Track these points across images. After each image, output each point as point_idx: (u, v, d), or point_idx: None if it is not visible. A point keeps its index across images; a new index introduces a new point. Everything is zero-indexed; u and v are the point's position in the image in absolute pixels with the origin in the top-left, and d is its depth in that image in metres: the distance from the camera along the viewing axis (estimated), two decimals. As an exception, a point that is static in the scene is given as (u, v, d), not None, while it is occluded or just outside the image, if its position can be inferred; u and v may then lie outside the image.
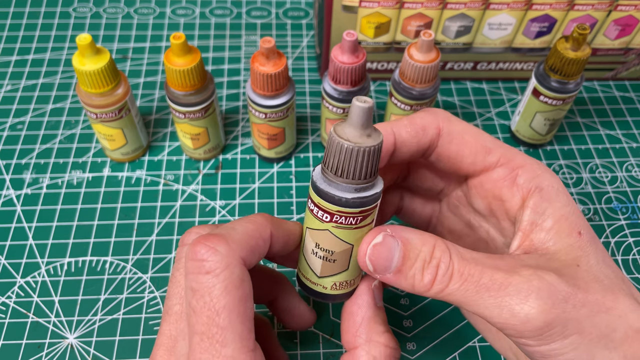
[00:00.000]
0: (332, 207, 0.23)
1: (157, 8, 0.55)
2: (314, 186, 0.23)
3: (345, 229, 0.24)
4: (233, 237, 0.22)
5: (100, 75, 0.36)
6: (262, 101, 0.38)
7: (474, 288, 0.22)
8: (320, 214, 0.23)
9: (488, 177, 0.26)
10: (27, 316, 0.35)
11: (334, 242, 0.24)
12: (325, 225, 0.24)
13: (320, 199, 0.23)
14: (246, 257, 0.23)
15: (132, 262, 0.38)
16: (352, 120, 0.22)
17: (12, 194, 0.41)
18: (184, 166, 0.43)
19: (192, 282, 0.22)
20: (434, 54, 0.37)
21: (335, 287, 0.25)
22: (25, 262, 0.38)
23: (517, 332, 0.22)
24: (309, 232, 0.25)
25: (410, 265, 0.23)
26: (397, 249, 0.23)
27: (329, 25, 0.44)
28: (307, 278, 0.26)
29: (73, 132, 0.45)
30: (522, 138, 0.45)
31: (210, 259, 0.21)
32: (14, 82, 0.49)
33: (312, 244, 0.25)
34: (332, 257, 0.24)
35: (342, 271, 0.25)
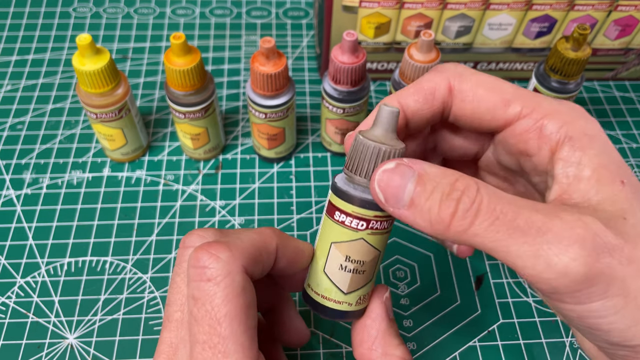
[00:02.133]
0: (369, 212, 0.22)
1: (157, 8, 0.55)
2: (345, 196, 0.23)
3: (380, 234, 0.23)
4: (236, 245, 0.22)
5: (100, 76, 0.36)
6: (262, 101, 0.38)
7: (506, 230, 0.19)
8: (355, 223, 0.23)
9: (511, 132, 0.24)
10: (27, 316, 0.35)
11: (367, 250, 0.23)
12: (359, 234, 0.23)
13: (356, 206, 0.22)
14: (249, 266, 0.22)
15: (132, 262, 0.38)
16: (382, 124, 0.22)
17: (12, 194, 0.41)
18: (184, 166, 0.43)
19: (194, 289, 0.21)
20: (434, 54, 0.37)
21: (359, 301, 0.25)
22: (25, 262, 0.38)
23: (552, 287, 0.19)
24: (336, 246, 0.23)
25: (426, 197, 0.20)
26: (412, 178, 0.20)
27: (329, 25, 0.44)
28: (329, 299, 0.24)
29: (73, 132, 0.45)
30: None
31: (212, 266, 0.21)
32: (14, 82, 0.49)
33: (340, 258, 0.24)
34: (362, 267, 0.24)
35: (368, 282, 0.24)
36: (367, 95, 0.39)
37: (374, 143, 0.21)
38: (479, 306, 0.37)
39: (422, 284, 0.38)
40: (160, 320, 0.35)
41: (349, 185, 0.23)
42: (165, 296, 0.36)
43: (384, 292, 0.26)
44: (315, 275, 0.25)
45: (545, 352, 0.35)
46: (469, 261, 0.39)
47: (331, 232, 0.24)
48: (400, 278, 0.38)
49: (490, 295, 0.37)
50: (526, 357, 0.35)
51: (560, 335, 0.36)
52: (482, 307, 0.37)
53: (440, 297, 0.37)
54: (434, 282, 0.38)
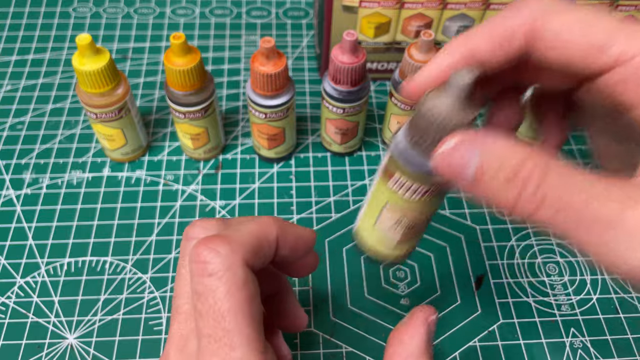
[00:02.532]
0: (427, 182, 0.22)
1: (157, 8, 0.55)
2: (405, 163, 0.22)
3: (436, 197, 0.23)
4: (235, 238, 0.22)
5: (100, 75, 0.36)
6: (262, 101, 0.38)
7: (573, 221, 0.17)
8: (412, 190, 0.22)
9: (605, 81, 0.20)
10: (26, 316, 0.35)
11: (420, 214, 0.23)
12: (415, 200, 0.23)
13: (414, 174, 0.22)
14: (249, 258, 0.22)
15: (132, 262, 0.38)
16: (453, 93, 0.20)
17: (12, 194, 0.41)
18: (183, 166, 0.43)
19: (197, 284, 0.21)
20: (434, 54, 0.37)
21: (407, 251, 0.26)
22: (25, 262, 0.38)
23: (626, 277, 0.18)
24: (390, 208, 0.23)
25: (491, 176, 0.18)
26: (475, 157, 0.19)
27: (329, 25, 0.44)
28: (378, 251, 0.26)
29: (73, 132, 0.45)
30: (524, 139, 0.45)
31: (212, 260, 0.21)
32: (13, 82, 0.49)
33: (392, 219, 0.24)
34: (413, 227, 0.24)
35: (418, 236, 0.25)
36: (367, 95, 0.39)
37: (440, 117, 0.19)
38: (479, 306, 0.37)
39: (422, 284, 0.38)
40: (160, 321, 0.35)
41: (408, 152, 0.21)
42: (165, 296, 0.36)
43: (430, 313, 0.25)
44: (366, 228, 0.26)
45: (545, 353, 0.35)
46: (469, 261, 0.39)
47: (385, 194, 0.23)
48: (401, 278, 0.38)
49: (490, 296, 0.37)
50: (526, 357, 0.35)
51: (561, 335, 0.36)
52: (482, 307, 0.37)
53: (440, 297, 0.37)
54: (434, 282, 0.38)
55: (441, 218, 0.41)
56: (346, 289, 0.37)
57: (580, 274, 0.38)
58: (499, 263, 0.39)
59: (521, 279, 0.38)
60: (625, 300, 0.37)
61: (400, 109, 0.40)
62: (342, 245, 0.39)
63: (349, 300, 0.37)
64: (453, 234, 0.40)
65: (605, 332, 0.36)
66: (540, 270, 0.39)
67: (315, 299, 0.37)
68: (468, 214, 0.41)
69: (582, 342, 0.35)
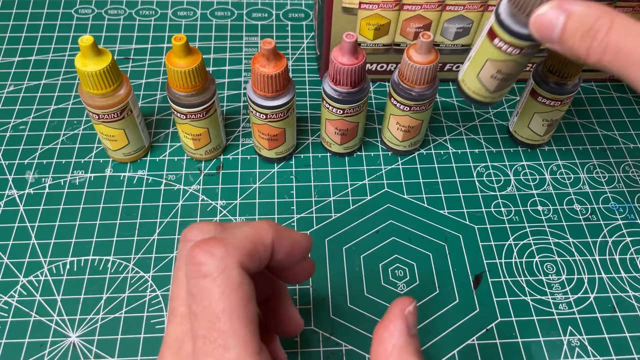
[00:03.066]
0: (523, 43, 0.29)
1: (159, 10, 0.56)
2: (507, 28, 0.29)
3: (528, 55, 0.31)
4: (231, 241, 0.22)
5: (102, 77, 0.36)
6: (262, 102, 0.38)
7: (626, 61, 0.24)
8: (510, 50, 0.30)
9: None
10: (29, 315, 0.36)
11: (515, 67, 0.31)
12: (512, 57, 0.30)
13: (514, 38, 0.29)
14: (244, 261, 0.22)
15: (134, 261, 0.38)
16: None
17: (14, 194, 0.41)
18: (185, 166, 0.44)
19: (192, 286, 0.22)
20: (432, 55, 0.37)
21: (501, 95, 0.34)
22: (28, 262, 0.38)
23: None
24: (491, 62, 0.32)
25: (570, 35, 0.25)
26: (560, 20, 0.26)
27: (329, 26, 0.44)
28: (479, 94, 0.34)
29: (75, 132, 0.45)
30: (520, 139, 0.45)
31: (207, 262, 0.21)
32: (16, 83, 0.49)
33: (492, 71, 0.32)
34: (509, 77, 0.32)
35: (511, 84, 0.34)
36: (366, 96, 0.39)
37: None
38: (478, 305, 0.37)
39: (420, 283, 0.38)
40: (162, 319, 0.36)
41: (510, 18, 0.29)
42: (167, 295, 0.37)
43: (407, 304, 0.25)
44: (470, 77, 0.34)
45: (543, 351, 0.35)
46: (467, 260, 0.39)
47: (488, 51, 0.31)
48: (399, 277, 0.38)
49: (488, 294, 0.38)
50: (524, 355, 0.35)
51: (558, 333, 0.36)
52: (481, 305, 0.37)
53: (438, 295, 0.37)
54: (432, 281, 0.38)
55: (440, 218, 0.41)
56: (346, 287, 0.38)
57: (578, 273, 0.39)
58: (497, 262, 0.39)
59: (519, 278, 0.38)
60: (623, 299, 0.38)
61: (400, 109, 0.40)
62: (342, 245, 0.40)
63: (348, 299, 0.37)
64: (452, 233, 0.40)
65: (603, 331, 0.36)
66: (538, 269, 0.39)
67: (315, 298, 0.37)
68: (466, 214, 0.41)
69: (580, 340, 0.36)
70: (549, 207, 0.42)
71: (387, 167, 0.44)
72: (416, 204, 0.42)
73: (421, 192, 0.43)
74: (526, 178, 0.44)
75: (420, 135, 0.43)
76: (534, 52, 0.31)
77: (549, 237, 0.40)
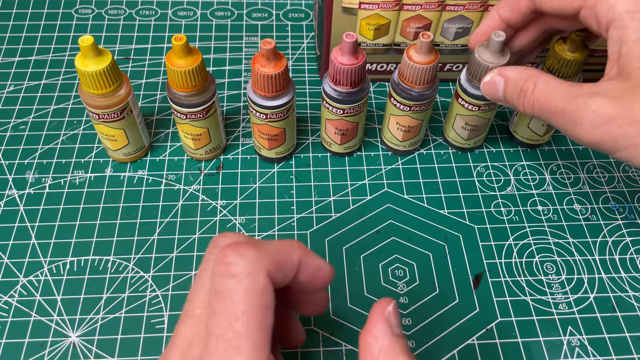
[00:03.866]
0: (479, 102, 0.40)
1: (159, 10, 0.56)
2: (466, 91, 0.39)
3: (486, 111, 0.41)
4: (263, 249, 0.23)
5: (103, 77, 0.36)
6: (262, 102, 0.38)
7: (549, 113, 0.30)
8: (471, 107, 0.40)
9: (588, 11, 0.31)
10: (29, 315, 0.36)
11: (479, 120, 0.41)
12: (473, 112, 0.40)
13: (473, 98, 0.39)
14: (272, 271, 0.23)
15: (134, 261, 0.38)
16: (492, 48, 0.36)
17: (14, 194, 0.41)
18: (185, 166, 0.44)
19: (217, 284, 0.22)
20: (432, 56, 0.37)
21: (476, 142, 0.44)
22: (28, 262, 0.38)
23: None
24: (460, 117, 0.41)
25: (509, 96, 0.32)
26: (501, 85, 0.33)
27: (329, 26, 0.44)
28: (456, 141, 0.44)
29: (75, 132, 0.46)
30: (520, 138, 0.45)
31: (237, 263, 0.22)
32: (16, 83, 0.49)
33: (462, 123, 0.42)
34: (476, 127, 0.42)
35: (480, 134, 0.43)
36: (366, 96, 0.39)
37: (484, 62, 0.37)
38: (477, 305, 0.37)
39: (420, 283, 0.38)
40: (162, 319, 0.36)
41: (467, 83, 0.39)
42: (167, 295, 0.37)
43: (386, 305, 0.24)
44: (448, 128, 0.44)
45: (543, 351, 0.35)
46: (467, 260, 0.39)
47: (457, 109, 0.41)
48: (399, 277, 0.38)
49: (488, 294, 0.38)
50: (524, 355, 0.35)
51: (558, 333, 0.36)
52: (481, 305, 0.37)
53: (438, 295, 0.38)
54: (432, 280, 0.38)
55: (440, 217, 0.41)
56: (346, 287, 0.38)
57: (578, 273, 0.39)
58: (497, 262, 0.39)
59: (519, 278, 0.38)
60: (622, 299, 0.38)
61: (400, 109, 0.40)
62: (342, 245, 0.40)
63: (348, 299, 0.37)
64: (451, 233, 0.40)
65: (603, 331, 0.36)
66: (537, 269, 0.39)
67: (315, 298, 0.37)
68: (466, 214, 0.41)
69: (580, 340, 0.36)
70: (548, 207, 0.42)
71: (387, 167, 0.44)
72: (416, 204, 0.42)
73: (421, 192, 0.43)
74: (526, 178, 0.44)
75: (420, 135, 0.43)
76: (492, 108, 0.40)
77: (549, 237, 0.40)
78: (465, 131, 0.43)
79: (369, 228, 0.41)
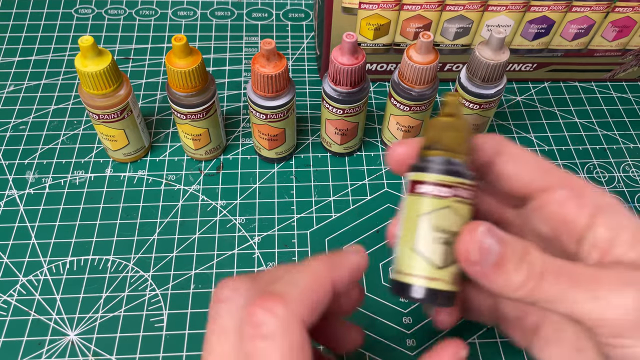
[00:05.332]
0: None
1: (159, 10, 0.56)
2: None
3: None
4: (293, 296, 0.21)
5: (102, 77, 0.36)
6: (262, 102, 0.38)
7: (567, 282, 0.22)
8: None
9: (550, 198, 0.25)
10: (28, 314, 0.36)
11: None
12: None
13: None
14: (307, 316, 0.21)
15: (134, 260, 0.38)
16: (492, 45, 0.36)
17: (15, 194, 0.41)
18: (185, 166, 0.44)
19: (249, 346, 0.20)
20: (432, 56, 0.37)
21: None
22: (28, 261, 0.38)
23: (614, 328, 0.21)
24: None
25: (507, 261, 0.22)
26: (495, 244, 0.23)
27: (329, 26, 0.44)
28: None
29: (75, 132, 0.46)
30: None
31: (268, 322, 0.20)
32: (16, 83, 0.49)
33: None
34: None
35: None
36: (366, 96, 0.39)
37: (484, 60, 0.36)
38: (478, 305, 0.37)
39: (421, 283, 0.38)
40: (161, 318, 0.36)
41: (468, 81, 0.36)
42: (166, 294, 0.37)
43: (460, 349, 0.24)
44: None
45: (543, 350, 0.35)
46: (467, 260, 0.39)
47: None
48: (399, 277, 0.38)
49: (488, 294, 0.38)
50: (525, 354, 0.35)
51: (558, 333, 0.36)
52: (481, 305, 0.37)
53: (439, 295, 0.37)
54: (432, 280, 0.38)
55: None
56: (346, 287, 0.38)
57: (578, 273, 0.39)
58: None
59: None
60: (623, 299, 0.38)
61: (400, 109, 0.40)
62: (341, 244, 0.40)
63: (348, 299, 0.37)
64: (452, 233, 0.40)
65: (603, 331, 0.36)
66: (538, 269, 0.39)
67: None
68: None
69: (580, 340, 0.36)
70: (549, 207, 0.42)
71: (387, 167, 0.44)
72: (416, 203, 0.42)
73: (421, 192, 0.43)
74: (526, 178, 0.44)
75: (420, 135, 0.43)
76: (492, 106, 0.38)
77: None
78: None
79: (369, 228, 0.41)
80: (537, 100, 0.49)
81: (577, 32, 0.45)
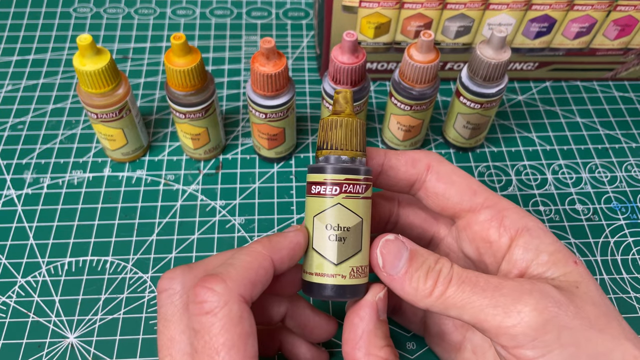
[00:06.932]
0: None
1: (158, 8, 0.55)
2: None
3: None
4: (230, 275, 0.23)
5: (101, 76, 0.36)
6: (262, 101, 0.38)
7: (471, 289, 0.23)
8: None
9: (475, 219, 0.27)
10: (27, 316, 0.35)
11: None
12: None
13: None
14: (245, 292, 0.23)
15: (133, 261, 0.38)
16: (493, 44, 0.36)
17: (12, 194, 0.41)
18: (184, 166, 0.43)
19: (194, 323, 0.22)
20: (433, 54, 0.37)
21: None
22: (26, 262, 0.38)
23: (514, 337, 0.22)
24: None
25: (417, 268, 0.24)
26: (406, 252, 0.25)
27: (329, 25, 0.44)
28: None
29: (73, 132, 0.45)
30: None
31: (209, 299, 0.22)
32: (14, 82, 0.49)
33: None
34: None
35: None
36: (367, 96, 0.39)
37: (485, 59, 0.36)
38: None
39: (421, 284, 0.38)
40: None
41: (469, 80, 0.35)
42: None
43: (379, 291, 0.26)
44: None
45: (545, 352, 0.35)
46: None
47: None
48: (400, 278, 0.38)
49: (489, 295, 0.37)
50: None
51: (560, 334, 0.36)
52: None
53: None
54: (433, 281, 0.38)
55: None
56: (346, 288, 0.37)
57: (580, 274, 0.39)
58: (499, 263, 0.39)
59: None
60: (624, 300, 0.37)
61: (400, 109, 0.40)
62: (342, 245, 0.39)
63: (348, 300, 0.37)
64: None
65: (605, 332, 0.36)
66: (539, 269, 0.39)
67: (315, 299, 0.37)
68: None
69: (582, 341, 0.36)
70: (550, 207, 0.42)
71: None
72: (417, 204, 0.42)
73: (422, 192, 0.42)
74: (527, 178, 0.44)
75: (421, 135, 0.43)
76: (494, 105, 0.37)
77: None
78: (466, 130, 0.42)
79: (369, 228, 0.40)
80: (538, 100, 0.49)
81: (579, 31, 0.45)
